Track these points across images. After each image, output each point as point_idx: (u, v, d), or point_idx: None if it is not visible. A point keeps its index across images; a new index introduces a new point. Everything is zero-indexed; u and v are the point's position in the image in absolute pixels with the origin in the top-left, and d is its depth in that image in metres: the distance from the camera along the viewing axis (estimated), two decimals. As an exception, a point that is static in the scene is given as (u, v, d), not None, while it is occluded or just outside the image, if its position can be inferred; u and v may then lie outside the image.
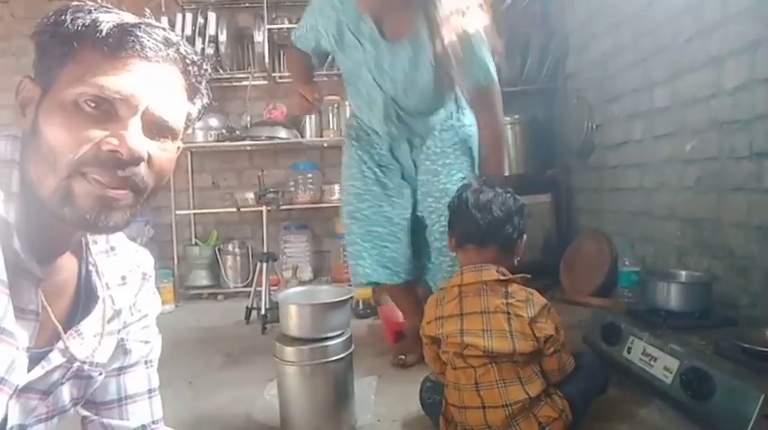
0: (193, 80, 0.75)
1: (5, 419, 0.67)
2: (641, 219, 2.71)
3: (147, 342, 0.90)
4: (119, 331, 0.84)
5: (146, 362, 0.91)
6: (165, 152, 0.72)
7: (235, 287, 3.79)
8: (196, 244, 3.97)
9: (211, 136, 3.80)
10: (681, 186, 2.36)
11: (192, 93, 0.76)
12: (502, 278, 1.42)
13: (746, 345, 1.42)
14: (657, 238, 2.56)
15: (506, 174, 3.63)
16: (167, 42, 0.70)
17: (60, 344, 0.72)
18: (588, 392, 1.47)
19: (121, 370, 0.87)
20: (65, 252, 0.75)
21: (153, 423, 0.91)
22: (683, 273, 2.01)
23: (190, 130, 3.27)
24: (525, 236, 1.55)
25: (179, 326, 3.06)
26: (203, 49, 3.60)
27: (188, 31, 3.60)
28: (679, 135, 2.36)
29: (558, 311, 1.48)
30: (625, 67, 2.81)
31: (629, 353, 1.78)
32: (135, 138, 0.66)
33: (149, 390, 0.92)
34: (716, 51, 2.10)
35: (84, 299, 0.78)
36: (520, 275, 1.47)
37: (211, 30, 3.62)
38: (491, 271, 1.44)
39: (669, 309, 1.83)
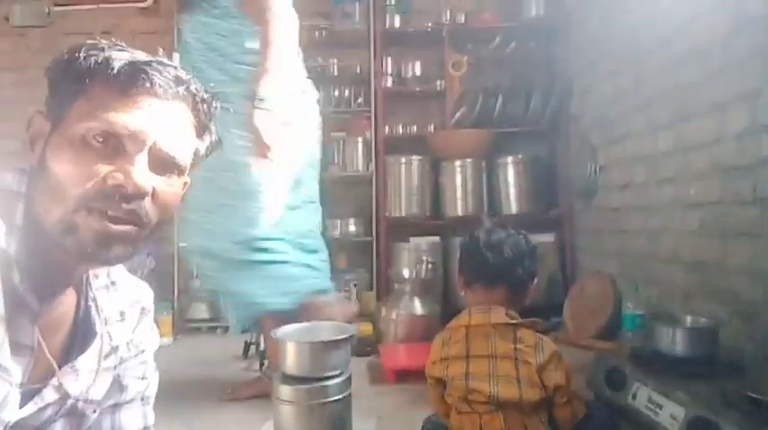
0: (202, 117, 0.76)
1: None
2: (645, 261, 2.70)
3: (143, 378, 0.88)
4: (115, 367, 0.82)
5: (142, 399, 0.89)
6: (170, 187, 0.73)
7: (234, 321, 3.74)
8: (197, 276, 3.94)
9: (217, 169, 3.83)
10: (685, 230, 2.35)
11: (201, 130, 0.77)
12: (511, 322, 1.39)
13: (754, 395, 1.39)
14: (662, 281, 2.54)
15: (512, 211, 3.68)
16: (178, 80, 0.72)
17: (54, 381, 0.71)
18: None
19: (116, 406, 0.85)
20: (66, 288, 0.74)
21: None
22: (689, 317, 1.98)
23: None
24: (536, 279, 1.52)
25: (177, 360, 3.01)
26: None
27: (199, 67, 3.67)
28: (683, 179, 2.37)
29: (557, 344, 1.46)
30: (628, 110, 2.85)
31: (634, 399, 1.74)
32: (140, 173, 0.67)
33: (144, 428, 0.89)
34: (719, 97, 2.12)
35: (81, 334, 0.77)
36: (530, 320, 1.43)
37: (222, 66, 3.69)
38: (500, 313, 1.40)
39: (674, 354, 1.79)
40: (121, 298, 0.83)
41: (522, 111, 3.77)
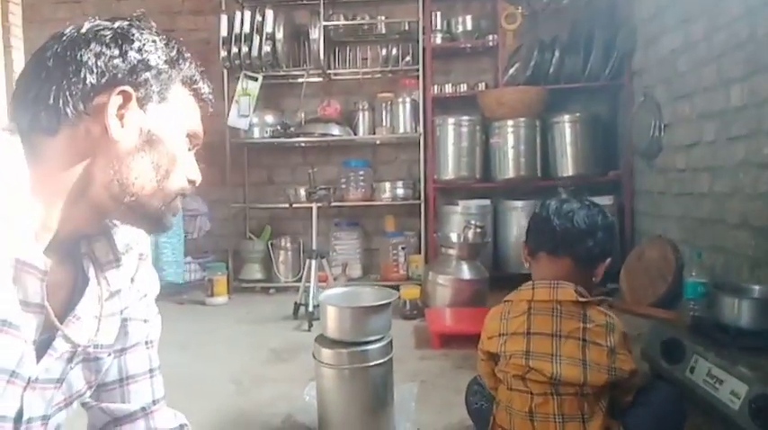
0: None
1: (21, 412, 0.68)
2: (711, 226, 2.52)
3: (146, 321, 0.90)
4: (121, 312, 0.84)
5: (146, 343, 0.92)
6: None
7: (286, 281, 3.84)
8: (250, 238, 4.05)
9: (267, 132, 3.86)
10: (756, 192, 2.17)
11: None
12: (580, 299, 1.27)
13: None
14: (728, 248, 2.37)
15: (568, 173, 3.52)
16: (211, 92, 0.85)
17: (61, 332, 0.73)
18: None
19: (123, 351, 0.88)
20: (70, 246, 0.76)
21: (153, 403, 0.91)
22: (757, 287, 1.84)
23: (246, 127, 3.36)
24: (610, 258, 1.37)
25: (230, 318, 3.12)
26: (260, 47, 3.65)
27: (246, 29, 3.66)
28: (756, 137, 2.17)
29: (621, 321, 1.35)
30: (697, 63, 2.62)
31: (691, 372, 1.65)
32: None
33: (150, 370, 0.92)
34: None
35: (81, 284, 0.78)
36: (600, 298, 1.32)
37: (269, 27, 3.67)
38: (568, 289, 1.29)
39: (739, 326, 1.68)
40: (115, 244, 0.84)
41: (581, 66, 3.55)
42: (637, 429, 1.29)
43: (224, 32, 3.69)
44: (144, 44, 0.72)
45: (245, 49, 3.67)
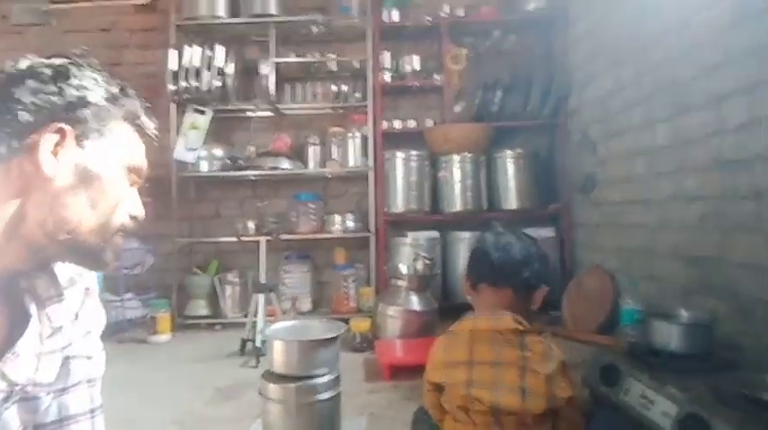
0: None
1: None
2: (644, 256, 2.66)
3: (89, 358, 0.87)
4: (63, 349, 0.81)
5: (88, 381, 0.88)
6: None
7: (233, 317, 3.74)
8: (195, 272, 3.95)
9: (215, 165, 3.83)
10: (684, 224, 2.32)
11: None
12: (519, 328, 1.31)
13: (749, 393, 1.36)
14: (661, 277, 2.51)
15: (512, 206, 3.65)
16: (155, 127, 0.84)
17: None
18: None
19: (63, 390, 0.84)
20: (8, 283, 0.74)
21: None
22: (685, 313, 1.96)
23: (194, 160, 3.28)
24: (545, 287, 1.43)
25: (173, 356, 3.02)
26: (210, 81, 3.66)
27: (196, 63, 3.66)
28: (680, 173, 2.34)
29: (561, 349, 1.39)
30: (627, 104, 2.81)
31: (626, 395, 1.72)
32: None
33: (92, 410, 0.88)
34: (717, 91, 2.09)
35: (19, 321, 0.76)
36: (537, 326, 1.38)
37: (219, 62, 3.68)
38: (507, 318, 1.33)
39: (670, 350, 1.77)
40: (56, 278, 0.82)
41: (522, 105, 3.74)
42: None
43: (173, 66, 3.68)
44: (82, 81, 0.72)
45: (194, 83, 3.67)
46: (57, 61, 0.73)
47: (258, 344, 2.80)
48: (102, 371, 0.92)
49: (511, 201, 3.69)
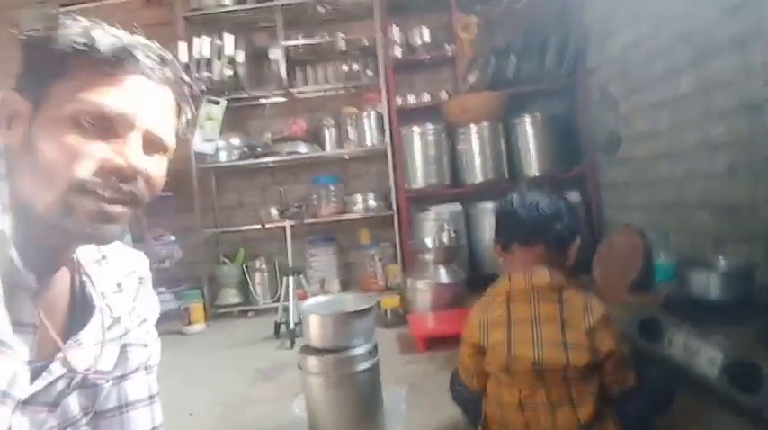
0: (181, 98, 0.77)
1: None
2: (674, 209, 2.61)
3: (146, 346, 0.89)
4: (120, 337, 0.83)
5: (146, 368, 0.90)
6: (159, 166, 0.74)
7: (264, 303, 3.79)
8: (224, 262, 4.00)
9: (234, 155, 3.84)
10: (713, 173, 2.27)
11: (180, 109, 0.78)
12: (556, 283, 1.30)
13: (795, 333, 1.33)
14: (691, 229, 2.46)
15: (534, 173, 3.60)
16: (163, 61, 0.72)
17: (60, 355, 0.71)
18: (648, 413, 1.33)
19: (122, 377, 0.86)
20: (59, 266, 0.75)
21: (153, 429, 0.90)
22: (722, 261, 1.92)
23: (212, 151, 3.27)
24: (578, 238, 1.40)
25: (210, 345, 3.07)
26: (221, 71, 3.66)
27: (206, 54, 3.67)
28: (705, 122, 2.27)
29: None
30: (647, 57, 2.74)
31: (670, 346, 1.69)
32: (136, 154, 0.68)
33: (150, 397, 0.90)
34: (740, 32, 2.02)
35: (79, 310, 0.77)
36: (576, 279, 1.35)
37: (229, 51, 3.68)
38: (542, 274, 1.31)
39: (709, 299, 1.74)
40: (115, 270, 0.83)
41: (537, 68, 3.66)
42: (628, 410, 1.29)
43: (184, 59, 3.68)
44: (30, 40, 0.68)
45: (206, 74, 3.67)
46: None
47: (291, 325, 2.83)
48: (158, 359, 0.93)
49: (533, 166, 3.64)
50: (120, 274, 0.84)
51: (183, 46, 3.71)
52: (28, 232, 0.67)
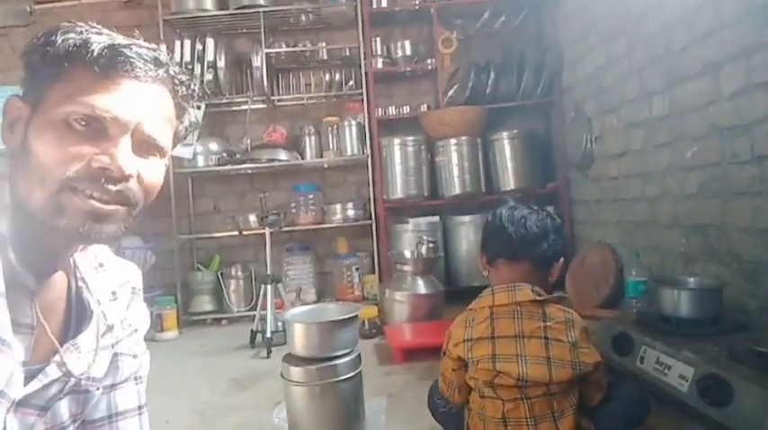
0: (181, 99, 0.77)
1: None
2: (645, 228, 2.70)
3: (136, 356, 0.89)
4: (112, 346, 0.83)
5: (135, 379, 0.90)
6: (153, 169, 0.74)
7: (239, 311, 3.76)
8: (198, 269, 3.95)
9: (212, 160, 3.81)
10: (684, 194, 2.36)
11: (180, 111, 0.78)
12: (538, 298, 1.32)
13: (762, 349, 1.39)
14: (663, 247, 2.54)
15: (510, 187, 3.68)
16: (157, 62, 0.72)
17: (57, 358, 0.71)
18: (624, 426, 1.37)
19: (113, 387, 0.86)
20: (57, 268, 0.75)
21: None
22: (692, 279, 1.99)
23: (190, 156, 3.22)
24: (562, 258, 1.44)
25: (183, 352, 3.02)
26: (202, 75, 3.63)
27: (187, 58, 3.64)
28: (679, 143, 2.37)
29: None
30: (621, 78, 2.83)
31: (641, 362, 1.75)
32: (125, 156, 0.68)
33: (139, 407, 0.90)
34: (712, 58, 2.11)
35: (76, 314, 0.77)
36: (556, 295, 1.38)
37: (210, 56, 3.66)
38: (525, 290, 1.33)
39: (680, 316, 1.80)
40: (110, 278, 0.83)
41: (515, 85, 3.75)
42: (605, 422, 1.34)
43: (163, 62, 3.64)
44: (29, 50, 0.69)
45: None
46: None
47: (269, 334, 2.81)
48: (147, 370, 0.93)
49: (509, 181, 3.72)
50: (115, 283, 0.84)
51: (162, 48, 3.67)
52: (26, 233, 0.67)
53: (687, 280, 2.00)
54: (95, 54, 0.66)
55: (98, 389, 0.81)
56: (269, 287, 2.95)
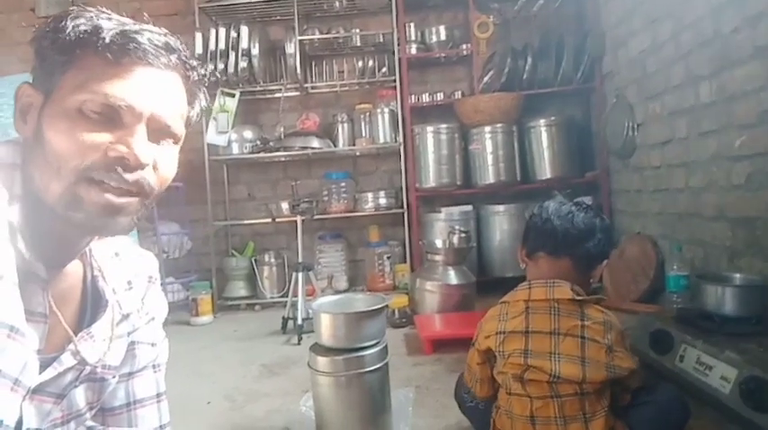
0: (192, 85, 0.76)
1: (20, 422, 0.66)
2: (688, 220, 2.59)
3: (153, 344, 0.89)
4: (128, 334, 0.83)
5: (153, 366, 0.91)
6: (169, 156, 0.73)
7: (271, 297, 3.80)
8: (233, 255, 4.01)
9: (246, 148, 3.85)
10: (730, 184, 2.24)
11: (191, 97, 0.77)
12: (577, 298, 1.28)
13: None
14: (706, 240, 2.43)
15: (546, 176, 3.58)
16: (168, 48, 0.71)
17: (72, 347, 0.72)
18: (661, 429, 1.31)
19: (130, 375, 0.87)
20: (72, 258, 0.75)
21: (161, 427, 0.90)
22: (737, 275, 1.90)
23: (225, 143, 3.25)
24: (606, 261, 1.38)
25: (217, 337, 3.08)
26: (237, 63, 3.66)
27: (222, 46, 3.66)
28: (726, 131, 2.24)
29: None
30: (666, 63, 2.70)
31: (681, 361, 1.68)
32: (141, 144, 0.67)
33: (157, 394, 0.91)
34: (763, 41, 1.99)
35: (91, 303, 0.78)
36: (596, 297, 1.33)
37: (244, 43, 3.67)
38: (564, 288, 1.29)
39: (723, 314, 1.72)
40: (126, 267, 0.84)
41: (553, 71, 3.63)
42: (642, 427, 1.29)
43: (199, 50, 3.69)
44: (41, 35, 0.67)
45: (221, 65, 3.67)
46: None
47: (299, 321, 2.83)
48: (166, 358, 0.94)
49: (546, 170, 3.62)
50: (131, 272, 0.84)
51: (198, 37, 3.71)
52: (39, 223, 0.67)
53: (732, 275, 1.91)
54: (107, 41, 0.65)
55: (114, 377, 0.82)
56: (300, 274, 2.96)
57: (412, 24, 3.86)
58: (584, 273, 1.37)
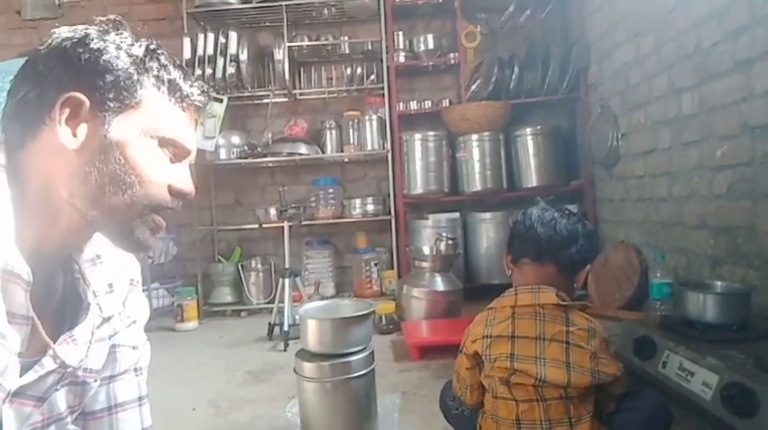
0: (200, 113, 0.82)
1: (0, 424, 0.66)
2: (671, 229, 2.63)
3: (135, 348, 0.89)
4: (110, 337, 0.83)
5: (135, 370, 0.90)
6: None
7: (258, 303, 3.78)
8: (219, 261, 3.98)
9: (233, 153, 3.83)
10: (712, 194, 2.28)
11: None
12: (561, 303, 1.29)
13: (791, 359, 1.34)
14: (689, 249, 2.47)
15: (532, 184, 3.62)
16: (204, 94, 0.80)
17: (51, 351, 0.71)
18: None
19: (112, 378, 0.86)
20: (54, 261, 0.74)
21: None
22: (719, 283, 1.92)
23: (212, 148, 3.26)
24: (589, 265, 1.40)
25: (202, 343, 3.06)
26: (225, 69, 3.65)
27: (210, 51, 3.66)
28: (708, 141, 2.29)
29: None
30: (649, 74, 2.75)
31: (663, 367, 1.70)
32: (190, 179, 0.78)
33: (139, 398, 0.90)
34: (744, 55, 2.03)
35: (70, 307, 0.77)
36: (581, 303, 1.34)
37: (233, 49, 3.67)
38: (550, 294, 1.31)
39: (705, 321, 1.74)
40: (107, 270, 0.83)
41: (539, 81, 3.68)
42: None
43: (187, 55, 3.68)
44: (102, 47, 0.68)
45: (208, 70, 3.66)
46: (80, 28, 0.70)
47: (286, 328, 2.82)
48: (148, 361, 0.93)
49: (532, 178, 3.66)
50: (112, 275, 0.84)
51: (186, 41, 3.70)
52: (26, 224, 0.67)
53: (714, 283, 1.93)
54: (179, 89, 0.74)
55: (95, 380, 0.81)
56: (287, 280, 2.95)
57: (400, 33, 3.89)
58: (568, 278, 1.39)
